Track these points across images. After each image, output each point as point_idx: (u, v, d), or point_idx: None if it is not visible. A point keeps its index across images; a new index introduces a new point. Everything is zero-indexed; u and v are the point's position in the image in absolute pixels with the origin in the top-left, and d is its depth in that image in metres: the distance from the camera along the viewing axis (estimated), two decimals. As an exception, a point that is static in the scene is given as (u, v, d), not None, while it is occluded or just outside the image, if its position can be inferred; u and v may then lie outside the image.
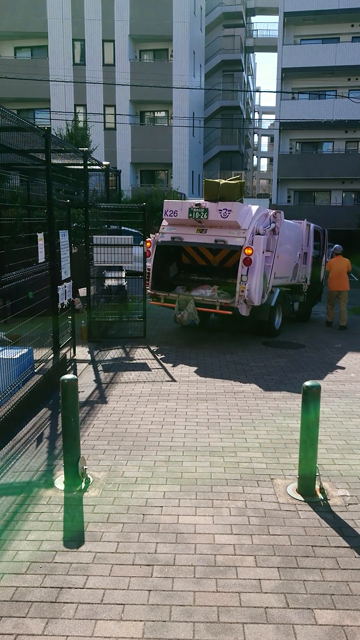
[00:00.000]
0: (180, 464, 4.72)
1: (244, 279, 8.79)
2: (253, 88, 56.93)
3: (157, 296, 9.80)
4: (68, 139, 19.97)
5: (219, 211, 9.08)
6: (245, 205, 9.36)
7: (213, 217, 9.14)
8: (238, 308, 8.92)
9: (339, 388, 7.09)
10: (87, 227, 8.90)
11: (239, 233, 9.02)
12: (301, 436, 4.20)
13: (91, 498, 4.09)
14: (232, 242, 9.06)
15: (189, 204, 9.51)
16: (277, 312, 10.27)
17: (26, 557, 3.39)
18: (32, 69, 27.18)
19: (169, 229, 9.84)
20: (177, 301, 9.34)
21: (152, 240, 9.93)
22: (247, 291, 8.78)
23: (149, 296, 9.86)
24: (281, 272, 10.13)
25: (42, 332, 6.77)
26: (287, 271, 10.59)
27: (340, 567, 3.35)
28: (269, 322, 9.89)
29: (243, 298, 8.83)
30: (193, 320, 9.19)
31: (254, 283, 8.79)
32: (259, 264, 8.81)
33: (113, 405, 6.24)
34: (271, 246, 9.28)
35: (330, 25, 30.45)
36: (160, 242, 9.88)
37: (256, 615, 2.93)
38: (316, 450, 4.19)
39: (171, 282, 10.51)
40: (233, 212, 8.98)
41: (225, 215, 9.02)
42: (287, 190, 32.55)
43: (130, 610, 2.95)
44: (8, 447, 4.97)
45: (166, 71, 27.89)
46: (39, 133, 6.48)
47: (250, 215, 9.19)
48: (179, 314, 9.25)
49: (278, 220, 9.57)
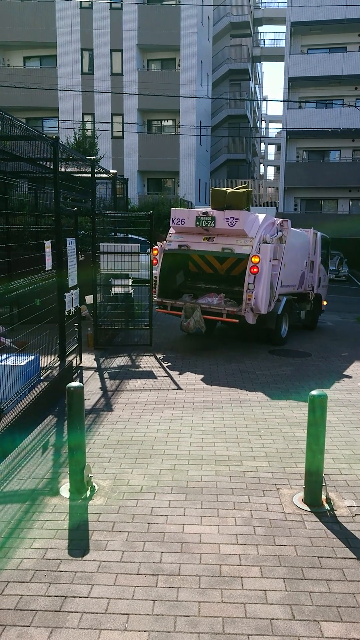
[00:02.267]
0: (185, 472, 4.70)
1: (250, 287, 8.80)
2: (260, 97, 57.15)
3: (164, 304, 9.81)
4: (76, 148, 20.12)
5: (226, 219, 9.12)
6: (252, 214, 9.39)
7: (220, 226, 9.18)
8: (245, 316, 8.93)
9: (346, 397, 7.05)
10: (94, 235, 8.94)
11: (246, 241, 9.04)
12: (307, 445, 4.17)
13: (96, 506, 4.08)
14: (239, 251, 9.10)
15: (196, 212, 9.55)
16: (284, 320, 10.29)
17: (31, 565, 3.38)
18: (41, 79, 27.44)
19: (176, 237, 9.88)
20: (183, 309, 9.35)
21: (159, 248, 9.96)
22: (254, 299, 8.79)
23: (156, 304, 9.88)
24: (288, 281, 10.15)
25: (48, 340, 6.79)
26: (294, 279, 10.61)
27: (347, 579, 3.31)
28: (276, 330, 9.91)
29: (250, 306, 8.85)
30: (199, 328, 9.19)
31: (261, 291, 8.80)
32: (265, 273, 8.82)
33: (119, 413, 6.23)
34: (278, 254, 9.31)
35: (337, 35, 30.58)
36: (167, 250, 9.91)
37: (262, 626, 2.90)
38: (322, 460, 4.16)
39: (178, 289, 10.54)
40: (240, 220, 9.02)
41: (232, 223, 9.06)
42: (293, 198, 32.58)
43: (135, 620, 2.93)
44: (14, 454, 4.97)
45: (174, 80, 28.07)
46: (47, 142, 6.52)
47: (257, 223, 9.22)
48: (185, 322, 9.25)
49: (285, 229, 9.61)
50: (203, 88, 30.81)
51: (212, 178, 36.16)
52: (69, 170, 8.99)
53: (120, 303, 10.55)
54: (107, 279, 9.51)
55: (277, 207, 32.53)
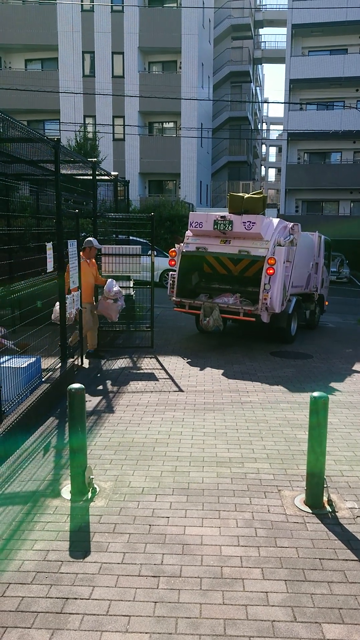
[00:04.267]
0: (187, 474, 4.69)
1: (266, 287, 9.22)
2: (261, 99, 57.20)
3: (182, 303, 10.19)
4: (77, 150, 20.15)
5: (243, 223, 9.51)
6: (267, 218, 9.83)
7: (237, 229, 9.56)
8: (260, 315, 9.33)
9: (347, 399, 7.05)
10: (95, 237, 8.95)
11: (261, 244, 9.46)
12: (309, 447, 4.17)
13: (97, 508, 4.08)
14: (255, 253, 9.52)
15: (214, 216, 9.91)
16: (293, 319, 10.69)
17: (32, 567, 3.38)
18: (42, 81, 27.49)
19: (194, 240, 10.23)
20: (202, 308, 9.76)
21: (177, 250, 10.34)
22: (269, 299, 9.21)
23: (174, 303, 10.28)
24: (297, 282, 10.58)
25: (50, 341, 6.79)
26: (302, 280, 11.03)
27: (349, 581, 3.31)
28: (287, 328, 10.30)
29: (265, 306, 9.25)
30: (217, 327, 9.61)
31: (275, 291, 9.21)
32: (280, 274, 9.25)
33: (120, 414, 6.23)
34: (290, 257, 9.72)
35: (338, 37, 30.59)
36: (185, 252, 10.26)
37: (263, 628, 2.90)
38: (324, 461, 4.16)
39: (194, 289, 10.90)
40: (257, 224, 9.41)
41: (249, 227, 9.46)
42: (295, 200, 32.59)
43: (136, 621, 2.93)
44: (15, 455, 4.98)
45: (175, 83, 28.10)
46: (48, 144, 6.54)
47: (272, 227, 9.66)
48: (204, 320, 9.63)
49: (296, 232, 10.05)
50: (204, 90, 30.85)
51: (213, 180, 36.18)
52: (71, 172, 9.00)
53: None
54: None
55: (278, 209, 32.51)
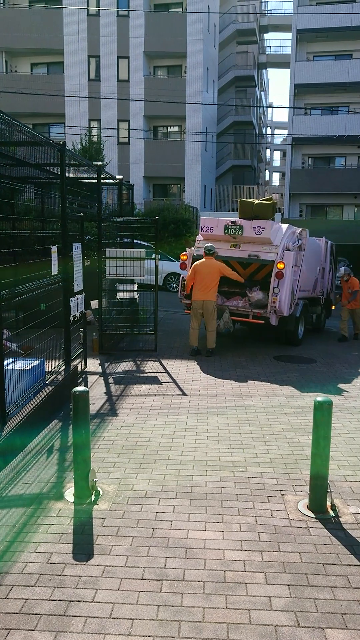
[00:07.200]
0: (190, 478, 4.69)
1: (275, 291, 9.38)
2: (266, 103, 57.25)
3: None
4: (82, 153, 20.21)
5: (253, 228, 9.70)
6: (276, 223, 10.02)
7: (247, 234, 9.76)
8: (269, 318, 9.50)
9: (351, 404, 7.04)
10: (100, 240, 8.98)
11: (271, 249, 9.66)
12: (312, 452, 4.17)
13: (101, 511, 4.08)
14: (264, 257, 9.71)
15: (224, 221, 10.12)
16: (301, 322, 10.85)
17: (35, 569, 3.38)
18: (47, 85, 27.63)
19: (205, 244, 10.32)
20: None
21: (188, 253, 10.56)
22: (278, 302, 9.37)
23: (185, 306, 10.45)
24: (305, 286, 10.75)
25: (53, 344, 6.81)
26: (309, 285, 11.20)
27: (352, 586, 3.30)
28: (295, 331, 10.46)
29: (274, 309, 9.41)
30: (228, 329, 9.83)
31: (284, 295, 9.37)
32: (288, 278, 9.41)
33: (123, 418, 6.24)
34: (298, 261, 9.88)
35: (342, 42, 30.61)
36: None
37: (266, 633, 2.89)
38: (327, 466, 4.15)
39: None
40: (267, 229, 9.59)
41: (259, 232, 9.64)
42: (299, 204, 32.56)
43: (139, 625, 2.93)
44: (19, 458, 4.99)
45: (180, 87, 28.19)
46: (53, 147, 6.57)
47: (281, 232, 9.84)
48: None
49: (304, 238, 10.22)
50: (209, 94, 30.92)
51: (217, 184, 36.22)
52: (75, 175, 9.03)
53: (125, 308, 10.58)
54: (113, 284, 9.54)
55: (283, 213, 32.48)
